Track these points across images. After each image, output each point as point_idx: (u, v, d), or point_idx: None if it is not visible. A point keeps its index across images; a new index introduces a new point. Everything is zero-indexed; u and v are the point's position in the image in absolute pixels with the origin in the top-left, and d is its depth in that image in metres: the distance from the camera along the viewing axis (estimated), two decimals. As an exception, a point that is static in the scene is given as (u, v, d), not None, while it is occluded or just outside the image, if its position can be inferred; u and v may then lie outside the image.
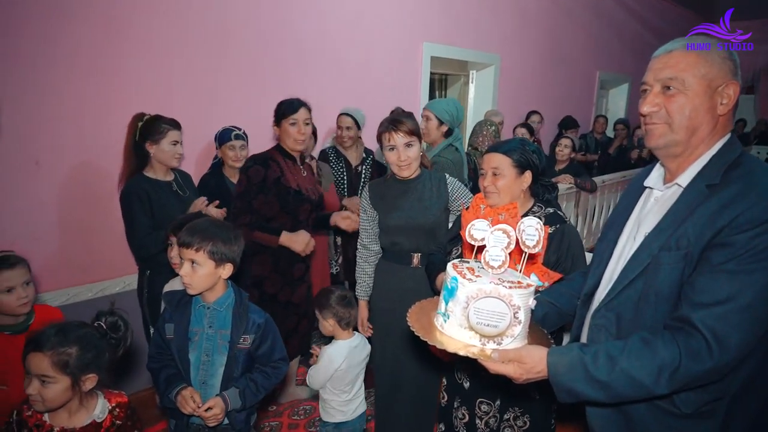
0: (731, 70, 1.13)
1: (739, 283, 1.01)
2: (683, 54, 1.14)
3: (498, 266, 1.26)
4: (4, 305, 1.78)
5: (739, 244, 1.02)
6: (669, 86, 1.15)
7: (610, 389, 1.08)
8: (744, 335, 1.01)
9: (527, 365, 1.16)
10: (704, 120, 1.14)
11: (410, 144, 2.13)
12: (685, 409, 1.11)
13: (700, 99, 1.12)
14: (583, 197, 4.92)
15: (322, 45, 3.68)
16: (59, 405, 1.41)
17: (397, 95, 4.21)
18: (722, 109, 1.13)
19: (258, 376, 1.77)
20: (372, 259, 2.35)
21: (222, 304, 1.74)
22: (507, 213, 1.75)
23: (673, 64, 1.14)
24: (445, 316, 1.27)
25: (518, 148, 1.82)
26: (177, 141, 2.43)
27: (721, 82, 1.12)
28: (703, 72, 1.12)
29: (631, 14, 7.55)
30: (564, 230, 1.76)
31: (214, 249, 1.65)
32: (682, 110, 1.14)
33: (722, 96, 1.13)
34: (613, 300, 1.21)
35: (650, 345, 1.07)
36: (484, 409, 1.84)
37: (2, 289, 1.77)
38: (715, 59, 1.12)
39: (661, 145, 1.19)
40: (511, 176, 1.80)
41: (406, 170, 2.16)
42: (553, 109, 6.14)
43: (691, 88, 1.13)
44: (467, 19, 4.85)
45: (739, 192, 1.06)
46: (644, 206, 1.28)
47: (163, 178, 2.47)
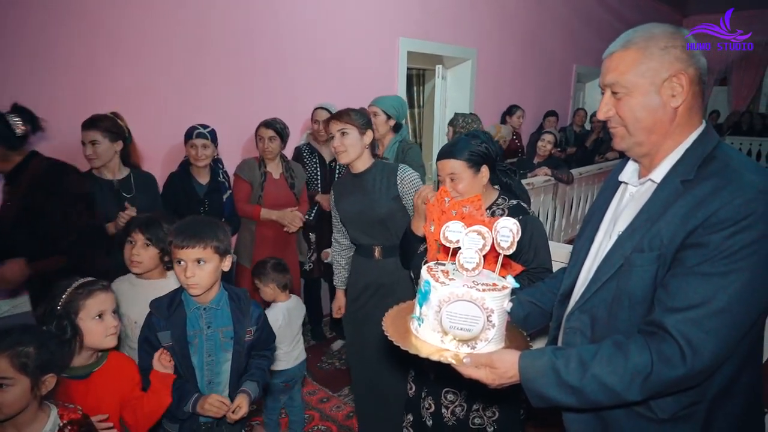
0: (678, 58, 1.07)
1: (714, 285, 0.97)
2: (622, 54, 1.11)
3: (472, 268, 1.23)
4: (93, 334, 1.54)
5: (713, 244, 0.97)
6: (615, 91, 1.12)
7: (582, 395, 1.05)
8: (719, 341, 0.97)
9: (499, 370, 1.13)
10: (659, 116, 1.09)
11: (344, 132, 2.17)
12: (662, 414, 1.08)
13: (647, 97, 1.08)
14: (561, 189, 4.95)
15: (298, 41, 3.63)
16: (16, 412, 1.33)
17: (374, 90, 4.15)
18: (675, 101, 1.08)
19: (264, 363, 1.85)
20: (344, 252, 2.46)
21: (218, 303, 1.74)
22: (471, 205, 1.73)
23: (613, 67, 1.11)
24: (419, 320, 1.24)
25: (467, 147, 1.80)
26: (83, 141, 2.38)
27: (667, 75, 1.07)
28: (643, 69, 1.08)
29: (607, 8, 7.61)
30: (526, 221, 1.75)
31: (218, 243, 1.67)
32: (632, 112, 1.10)
33: (671, 88, 1.07)
34: (587, 302, 1.18)
35: (623, 350, 1.03)
36: (450, 398, 1.83)
37: (93, 314, 1.54)
38: (654, 52, 1.07)
39: (624, 148, 1.17)
40: (468, 177, 1.80)
41: (342, 157, 2.20)
42: (531, 103, 6.16)
43: (635, 89, 1.09)
44: (444, 14, 4.82)
45: (713, 189, 1.00)
46: (620, 202, 1.24)
47: (106, 177, 2.46)
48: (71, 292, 1.54)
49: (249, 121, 3.34)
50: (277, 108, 3.38)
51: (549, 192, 4.76)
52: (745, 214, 0.96)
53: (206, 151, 2.79)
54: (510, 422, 1.82)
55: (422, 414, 1.92)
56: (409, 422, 1.99)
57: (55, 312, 1.51)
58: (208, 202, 2.86)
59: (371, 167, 2.27)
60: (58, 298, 1.53)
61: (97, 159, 2.40)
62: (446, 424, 1.84)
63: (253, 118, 3.26)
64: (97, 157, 2.40)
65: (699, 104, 1.11)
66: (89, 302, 1.55)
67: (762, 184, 0.98)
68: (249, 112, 3.36)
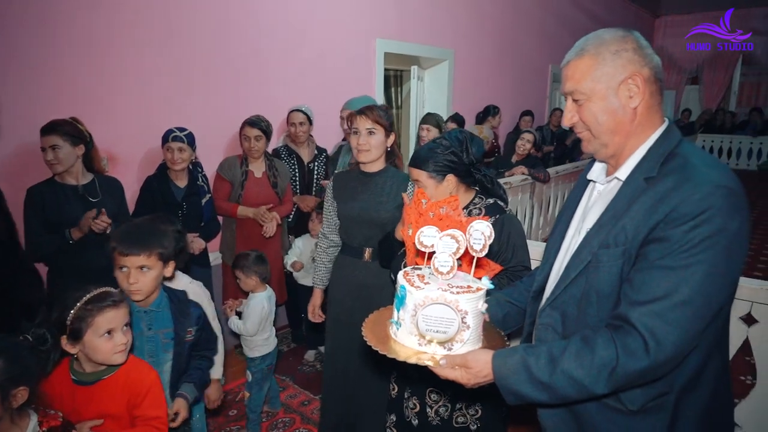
0: (630, 60, 1.10)
1: (676, 278, 0.99)
2: (576, 62, 1.14)
3: (446, 272, 1.25)
4: (100, 351, 1.47)
5: (674, 238, 1.00)
6: (575, 98, 1.15)
7: (553, 390, 1.08)
8: (681, 332, 0.99)
9: (473, 370, 1.15)
10: (619, 118, 1.12)
11: (372, 131, 2.14)
12: (632, 406, 1.10)
13: (606, 101, 1.11)
14: (538, 188, 5.02)
15: (274, 42, 3.61)
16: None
17: (352, 92, 4.16)
18: (633, 101, 1.11)
19: (204, 363, 1.90)
20: (331, 250, 2.40)
21: (158, 305, 1.77)
22: (448, 206, 1.75)
23: (570, 75, 1.15)
24: (397, 324, 1.26)
25: (430, 158, 1.80)
26: (43, 147, 2.34)
27: (622, 77, 1.10)
28: (597, 74, 1.11)
29: (580, 9, 7.73)
30: (504, 220, 1.78)
31: (162, 250, 1.69)
32: (594, 117, 1.14)
33: (628, 89, 1.10)
34: (558, 298, 1.20)
35: (590, 344, 1.05)
36: (434, 398, 1.85)
37: (101, 332, 1.46)
38: (607, 57, 1.10)
39: (592, 151, 1.20)
40: (431, 186, 1.81)
41: (363, 156, 2.17)
42: (508, 103, 6.23)
43: (593, 94, 1.12)
44: (420, 15, 4.85)
45: (673, 185, 1.03)
46: (589, 200, 1.27)
47: (69, 182, 2.42)
48: (80, 308, 1.45)
49: (226, 122, 3.33)
50: (255, 109, 3.36)
51: (526, 191, 4.82)
52: (704, 208, 0.99)
53: (182, 155, 2.76)
54: (493, 420, 1.85)
55: (406, 414, 1.93)
56: (392, 422, 2.00)
57: (65, 325, 1.44)
58: (186, 206, 2.84)
59: (384, 170, 2.25)
60: (68, 310, 1.45)
61: (59, 164, 2.36)
62: (431, 424, 1.86)
63: (231, 120, 3.26)
64: (59, 162, 2.36)
65: (657, 102, 1.15)
66: (98, 320, 1.46)
67: (719, 179, 1.01)
68: (226, 113, 3.34)
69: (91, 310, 1.46)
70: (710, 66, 11.17)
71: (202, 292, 2.18)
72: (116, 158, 2.89)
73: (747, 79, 11.31)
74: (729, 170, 1.07)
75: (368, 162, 2.21)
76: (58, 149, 2.35)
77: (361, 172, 2.27)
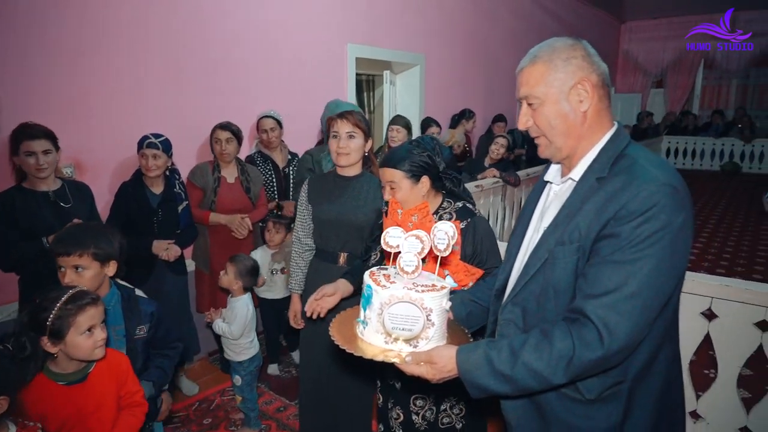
0: (580, 66, 1.16)
1: (625, 272, 1.05)
2: (530, 69, 1.19)
3: (411, 271, 1.29)
4: (81, 348, 1.52)
5: (623, 234, 1.06)
6: (530, 103, 1.21)
7: (515, 382, 1.12)
8: (632, 323, 1.05)
9: (438, 365, 1.19)
10: (570, 121, 1.18)
11: (352, 135, 2.17)
12: (589, 395, 1.16)
13: (557, 105, 1.17)
14: (510, 191, 5.10)
15: (246, 48, 3.61)
16: None
17: (324, 97, 4.16)
18: (583, 105, 1.17)
19: (165, 362, 1.94)
20: (306, 254, 2.38)
21: (110, 302, 1.79)
22: (419, 213, 1.79)
23: (524, 81, 1.20)
24: (363, 323, 1.29)
25: (407, 158, 1.80)
26: (32, 152, 2.29)
27: (572, 82, 1.16)
28: (549, 80, 1.17)
29: (549, 14, 7.91)
30: (475, 223, 1.81)
31: (97, 250, 1.73)
32: (547, 121, 1.19)
33: (578, 94, 1.16)
34: (518, 295, 1.25)
35: (548, 337, 1.10)
36: (419, 404, 1.87)
37: (82, 330, 1.51)
38: (558, 64, 1.16)
39: (547, 156, 1.26)
40: (407, 187, 1.81)
41: (343, 159, 2.18)
42: (479, 106, 6.33)
43: (546, 99, 1.18)
44: (391, 20, 4.90)
45: (622, 184, 1.09)
46: (546, 200, 1.33)
47: (40, 189, 2.38)
48: (61, 308, 1.49)
49: (197, 129, 3.31)
50: (227, 115, 3.36)
51: (498, 193, 4.90)
52: (650, 205, 1.05)
53: (157, 162, 2.74)
54: (474, 416, 1.89)
55: (391, 424, 1.94)
56: (381, 431, 2.02)
57: (45, 325, 1.48)
58: (162, 213, 2.81)
59: (360, 175, 2.28)
60: (48, 312, 1.48)
61: (48, 168, 2.34)
62: (418, 429, 1.88)
63: (202, 126, 3.24)
64: (49, 167, 2.34)
65: (606, 106, 1.21)
66: (80, 319, 1.51)
67: (664, 177, 1.08)
68: (197, 119, 3.32)
69: (71, 310, 1.50)
70: (674, 70, 11.53)
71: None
72: (83, 165, 2.85)
73: (708, 82, 11.71)
74: (673, 169, 1.14)
75: (347, 165, 2.22)
76: (49, 154, 2.32)
77: (338, 176, 2.28)
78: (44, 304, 1.50)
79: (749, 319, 2.12)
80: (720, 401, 2.25)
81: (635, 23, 11.64)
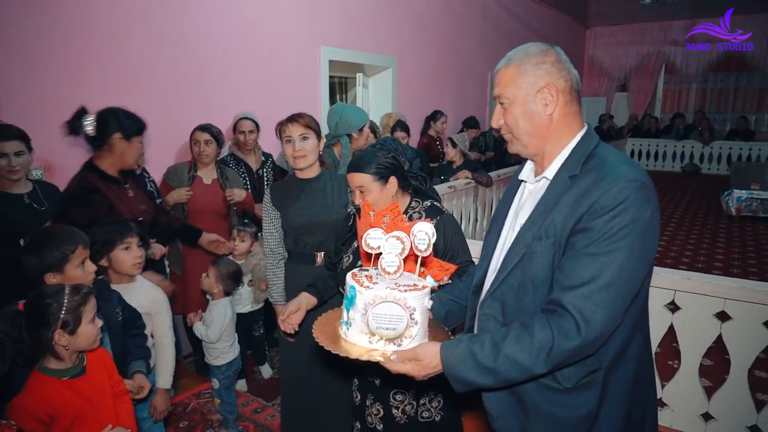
0: (548, 72, 1.22)
1: (600, 264, 1.11)
2: (504, 71, 1.26)
3: (393, 271, 1.32)
4: (89, 337, 1.61)
5: (596, 228, 1.12)
6: (501, 102, 1.27)
7: (498, 374, 1.16)
8: (607, 311, 1.11)
9: (423, 362, 1.22)
10: (536, 122, 1.24)
11: (305, 137, 2.19)
12: (566, 383, 1.21)
13: (524, 107, 1.24)
14: (482, 191, 5.20)
15: (219, 50, 3.59)
16: None
17: (297, 99, 4.20)
18: (549, 108, 1.23)
19: (140, 340, 2.01)
20: (281, 263, 2.37)
21: None
22: (391, 214, 1.83)
23: (498, 81, 1.27)
24: (347, 324, 1.31)
25: (373, 161, 1.83)
26: (3, 153, 2.22)
27: (539, 86, 1.22)
28: (519, 82, 1.23)
29: (517, 20, 8.08)
30: (444, 221, 1.86)
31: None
32: (515, 121, 1.26)
33: (544, 98, 1.22)
34: (497, 290, 1.30)
35: (528, 329, 1.15)
36: (399, 398, 1.89)
37: (90, 319, 1.60)
38: (527, 68, 1.23)
39: (515, 151, 1.32)
40: (376, 190, 1.84)
41: (301, 161, 2.21)
42: (450, 109, 6.42)
43: (515, 100, 1.24)
44: (364, 23, 4.94)
45: (594, 181, 1.15)
46: (521, 198, 1.38)
47: (12, 191, 2.32)
48: (69, 300, 1.52)
49: (171, 130, 3.27)
50: (201, 117, 3.33)
51: (470, 194, 4.98)
52: (621, 200, 1.11)
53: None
54: (452, 408, 1.93)
55: (370, 420, 1.96)
56: (358, 429, 2.03)
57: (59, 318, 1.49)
58: None
59: (321, 174, 2.31)
60: (59, 305, 1.50)
61: (22, 170, 2.28)
62: (398, 424, 1.90)
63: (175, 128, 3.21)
64: (22, 169, 2.28)
65: (575, 111, 1.27)
66: (87, 308, 1.56)
67: (632, 174, 1.14)
68: (171, 122, 3.28)
69: (78, 301, 1.54)
70: (636, 74, 11.91)
71: (163, 298, 2.19)
72: (53, 168, 2.79)
73: (669, 87, 12.12)
74: (640, 167, 1.22)
75: (306, 167, 2.25)
76: (22, 155, 2.27)
77: (299, 179, 2.29)
78: (46, 300, 1.51)
79: (710, 311, 2.23)
80: (684, 389, 2.36)
81: (599, 29, 11.98)
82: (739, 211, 7.06)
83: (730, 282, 2.22)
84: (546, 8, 9.06)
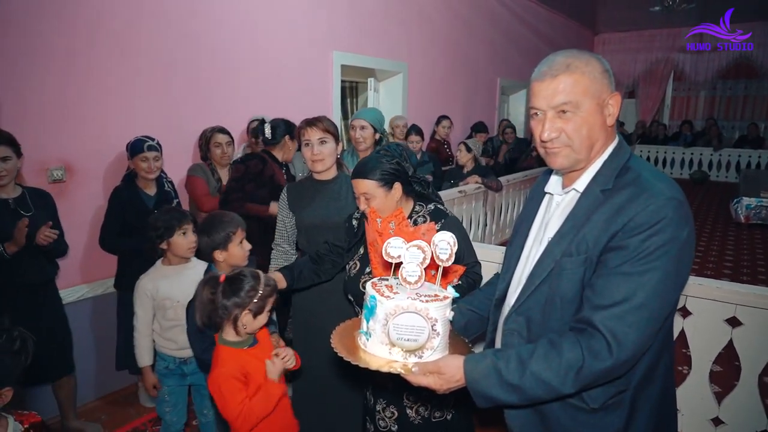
0: (611, 81, 1.18)
1: (633, 284, 1.06)
2: (566, 77, 1.15)
3: (414, 281, 1.30)
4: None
5: (631, 247, 1.07)
6: (564, 110, 1.16)
7: (523, 392, 1.12)
8: (640, 333, 1.07)
9: (446, 375, 1.19)
10: (599, 135, 1.19)
11: (324, 141, 2.22)
12: (593, 404, 1.17)
13: (594, 117, 1.16)
14: (491, 196, 5.18)
15: (234, 54, 3.60)
16: None
17: (310, 103, 4.20)
18: (610, 120, 1.19)
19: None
20: (288, 256, 2.42)
21: None
22: (396, 220, 1.82)
23: (562, 89, 1.16)
24: (366, 334, 1.29)
25: (377, 167, 1.82)
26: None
27: (606, 96, 1.17)
28: (592, 91, 1.16)
29: (525, 24, 8.06)
30: (449, 223, 1.85)
31: None
32: (579, 131, 1.17)
33: (608, 108, 1.18)
34: (523, 305, 1.26)
35: (556, 347, 1.11)
36: (412, 398, 1.88)
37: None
38: (596, 76, 1.16)
39: (566, 166, 1.23)
40: (381, 195, 1.82)
41: (319, 165, 2.23)
42: (460, 114, 6.41)
43: (584, 109, 1.16)
44: (375, 29, 4.94)
45: (629, 197, 1.11)
46: (547, 210, 1.33)
47: (1, 196, 2.33)
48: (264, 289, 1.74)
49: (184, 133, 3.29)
50: (214, 120, 3.34)
51: (480, 199, 4.97)
52: (658, 218, 1.07)
53: (158, 163, 2.78)
54: (462, 407, 1.91)
55: (383, 423, 1.94)
56: (371, 431, 2.03)
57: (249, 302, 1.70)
58: None
59: (337, 177, 2.32)
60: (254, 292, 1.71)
61: (8, 176, 2.28)
62: (413, 423, 1.88)
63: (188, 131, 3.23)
64: (8, 174, 2.27)
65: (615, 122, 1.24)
66: (270, 300, 1.77)
67: (669, 192, 1.11)
68: (184, 124, 3.30)
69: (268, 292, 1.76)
70: (645, 81, 11.85)
71: None
72: (73, 168, 2.80)
73: (678, 93, 12.06)
74: (675, 183, 1.17)
75: (323, 171, 2.27)
76: (9, 161, 2.26)
77: (316, 181, 2.32)
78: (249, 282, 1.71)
79: (721, 316, 2.21)
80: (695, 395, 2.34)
81: (607, 35, 11.94)
82: (748, 218, 7.00)
83: (742, 288, 2.19)
84: (555, 14, 9.04)
